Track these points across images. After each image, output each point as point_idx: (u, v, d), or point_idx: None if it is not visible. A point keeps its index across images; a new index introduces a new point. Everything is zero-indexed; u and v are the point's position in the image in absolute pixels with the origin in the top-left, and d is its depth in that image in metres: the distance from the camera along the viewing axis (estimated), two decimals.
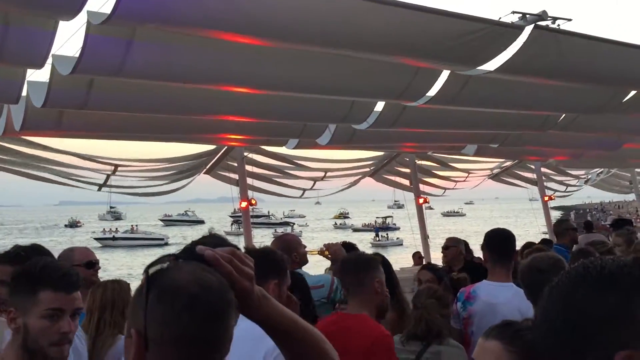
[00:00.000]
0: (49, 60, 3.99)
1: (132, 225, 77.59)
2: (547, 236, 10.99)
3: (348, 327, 2.98)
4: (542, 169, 12.28)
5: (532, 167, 12.23)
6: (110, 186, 8.45)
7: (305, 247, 4.57)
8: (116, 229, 73.87)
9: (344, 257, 3.72)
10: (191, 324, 1.16)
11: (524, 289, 3.06)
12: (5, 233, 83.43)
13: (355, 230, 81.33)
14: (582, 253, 4.36)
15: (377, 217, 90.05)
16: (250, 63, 4.33)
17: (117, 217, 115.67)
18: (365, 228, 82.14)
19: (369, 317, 3.10)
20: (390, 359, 2.85)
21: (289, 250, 4.17)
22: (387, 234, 65.45)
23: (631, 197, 15.52)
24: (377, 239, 63.22)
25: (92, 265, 3.98)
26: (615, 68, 4.99)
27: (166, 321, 1.16)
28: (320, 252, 4.75)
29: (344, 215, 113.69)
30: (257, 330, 2.25)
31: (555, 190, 12.93)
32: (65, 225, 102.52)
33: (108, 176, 8.25)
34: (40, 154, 7.30)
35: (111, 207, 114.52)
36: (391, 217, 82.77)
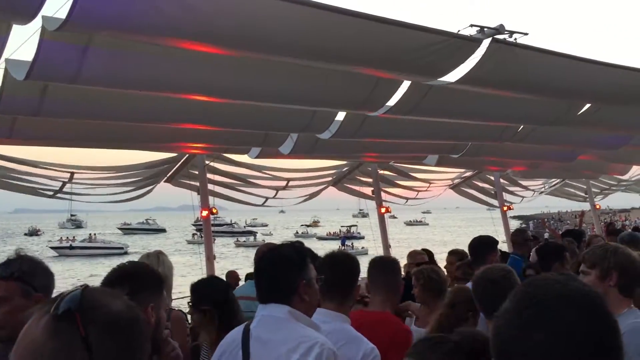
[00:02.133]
0: (2, 65, 3.89)
1: (90, 234, 75.87)
2: (505, 246, 11.17)
3: (372, 321, 3.20)
4: (501, 180, 12.52)
5: (492, 177, 12.46)
6: (66, 193, 8.25)
7: None
8: (73, 237, 72.16)
9: (375, 258, 3.89)
10: (138, 343, 1.20)
11: (476, 301, 3.07)
12: None
13: (320, 238, 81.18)
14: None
15: (342, 226, 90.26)
16: (210, 71, 4.29)
17: (78, 225, 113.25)
18: (331, 237, 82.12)
19: (391, 314, 3.45)
20: None
21: None
22: (352, 243, 65.45)
23: (586, 206, 15.95)
24: (343, 248, 63.20)
25: None
26: (570, 81, 5.12)
27: (122, 349, 1.17)
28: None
29: (316, 224, 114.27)
30: (352, 331, 2.36)
31: (512, 202, 13.19)
32: (25, 234, 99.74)
33: (64, 183, 8.06)
34: None
35: (72, 215, 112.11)
36: (356, 225, 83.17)
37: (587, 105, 6.12)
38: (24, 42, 4.02)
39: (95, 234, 76.16)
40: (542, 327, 1.07)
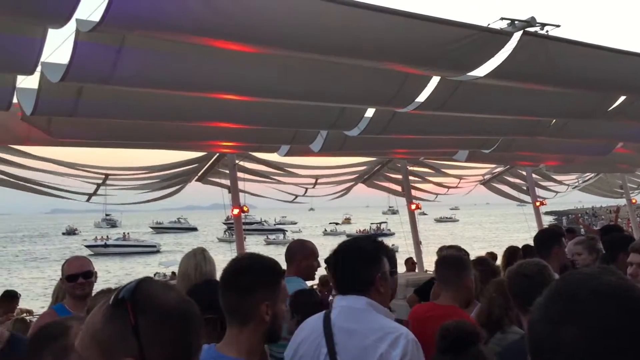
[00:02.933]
0: (39, 68, 3.99)
1: (124, 233, 77.25)
2: None
3: (440, 315, 3.28)
4: (533, 175, 12.34)
5: (524, 173, 12.29)
6: (99, 195, 8.43)
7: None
8: (107, 236, 73.59)
9: (444, 254, 3.98)
10: (189, 338, 1.25)
11: (510, 295, 3.05)
12: (5, 241, 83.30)
13: (350, 236, 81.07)
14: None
15: (371, 223, 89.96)
16: (241, 70, 4.34)
17: (113, 224, 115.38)
18: (360, 234, 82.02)
19: (458, 308, 3.55)
20: None
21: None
22: (382, 241, 65.01)
23: (622, 201, 15.58)
24: None
25: (74, 278, 3.92)
26: (604, 74, 5.02)
27: (171, 342, 1.21)
28: None
29: (348, 221, 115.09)
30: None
31: (545, 198, 12.97)
32: (63, 233, 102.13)
33: (98, 185, 8.23)
34: (29, 163, 7.27)
35: (107, 215, 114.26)
36: (386, 222, 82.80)
37: (622, 98, 5.99)
38: (59, 45, 4.13)
39: (128, 233, 77.56)
40: (572, 322, 1.05)
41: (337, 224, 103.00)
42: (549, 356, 1.07)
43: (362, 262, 2.55)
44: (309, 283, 4.80)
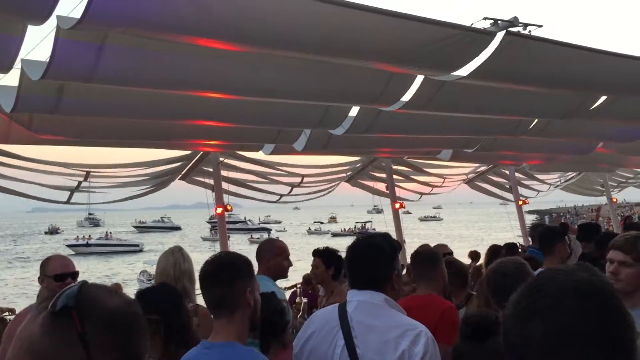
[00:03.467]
0: (19, 65, 3.93)
1: (106, 232, 76.54)
2: (521, 240, 11.13)
3: (420, 304, 3.46)
4: (516, 174, 12.45)
5: (507, 172, 12.39)
6: (81, 192, 8.33)
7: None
8: (89, 235, 72.82)
9: (417, 250, 4.05)
10: (137, 341, 1.21)
11: (489, 294, 3.07)
12: None
13: (335, 235, 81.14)
14: None
15: (356, 222, 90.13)
16: (224, 68, 4.32)
17: (95, 223, 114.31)
18: (345, 233, 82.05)
19: (436, 295, 3.69)
20: (454, 330, 2.97)
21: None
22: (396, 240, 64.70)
23: (602, 200, 15.77)
24: None
25: (62, 278, 3.87)
26: (585, 74, 5.07)
27: (119, 347, 1.16)
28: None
29: (334, 219, 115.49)
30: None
31: (527, 197, 13.10)
32: (45, 232, 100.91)
33: (79, 183, 8.14)
34: (8, 161, 7.17)
35: (89, 214, 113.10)
36: (370, 222, 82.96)
37: (603, 98, 6.06)
38: (39, 42, 4.07)
39: (111, 232, 76.85)
40: (539, 316, 1.05)
41: (321, 223, 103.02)
42: (520, 351, 1.07)
43: (381, 259, 2.64)
44: (293, 282, 4.79)
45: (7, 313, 9.39)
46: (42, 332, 1.14)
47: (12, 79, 4.36)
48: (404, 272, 4.72)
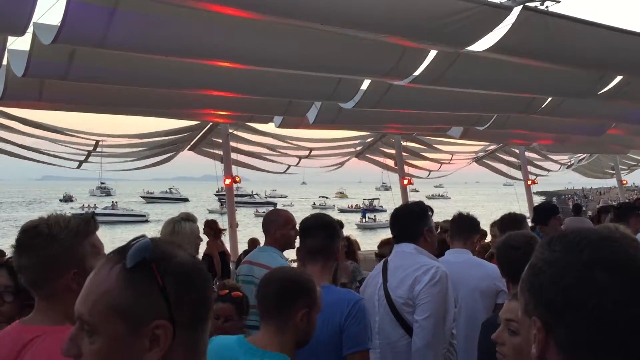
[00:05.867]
0: (30, 29, 3.92)
1: (112, 202, 76.92)
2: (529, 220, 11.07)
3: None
4: (526, 153, 12.37)
5: (517, 151, 12.32)
6: (91, 162, 8.39)
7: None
8: (94, 205, 73.11)
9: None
10: (208, 293, 1.22)
11: (498, 266, 3.07)
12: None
13: (342, 211, 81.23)
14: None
15: (364, 199, 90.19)
16: (236, 37, 4.28)
17: (107, 192, 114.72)
18: (352, 209, 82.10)
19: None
20: None
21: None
22: (374, 216, 64.96)
23: (612, 182, 15.66)
24: (364, 220, 62.63)
25: None
26: (603, 52, 5.00)
27: (195, 300, 1.17)
28: None
29: (342, 195, 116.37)
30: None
31: (537, 175, 13.02)
32: (60, 200, 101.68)
33: (89, 152, 8.18)
34: (19, 127, 7.21)
35: (101, 183, 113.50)
36: (378, 199, 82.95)
37: (619, 78, 5.97)
38: (52, 5, 4.05)
39: (116, 202, 77.15)
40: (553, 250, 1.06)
41: (326, 197, 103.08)
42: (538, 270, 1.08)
43: (412, 218, 3.41)
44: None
45: None
46: (123, 286, 1.12)
47: (23, 43, 4.35)
48: None
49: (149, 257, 1.13)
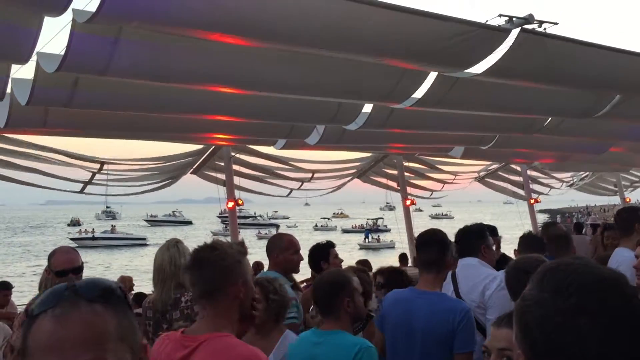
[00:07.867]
0: (34, 58, 3.96)
1: (112, 226, 76.69)
2: None
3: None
4: (528, 172, 12.37)
5: (519, 169, 12.31)
6: (94, 185, 8.39)
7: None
8: (92, 229, 72.79)
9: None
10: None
11: (508, 290, 3.06)
12: (7, 232, 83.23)
13: (345, 231, 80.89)
14: None
15: (368, 219, 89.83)
16: (238, 63, 4.32)
17: (113, 216, 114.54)
18: (355, 230, 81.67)
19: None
20: None
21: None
22: (378, 236, 64.04)
23: (615, 200, 15.61)
24: (367, 240, 61.81)
25: (63, 274, 3.74)
26: (601, 72, 5.02)
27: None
28: None
29: (342, 215, 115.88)
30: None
31: (540, 193, 12.99)
32: (68, 224, 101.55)
33: (93, 174, 8.20)
34: (23, 151, 7.24)
35: (107, 207, 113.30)
36: (382, 218, 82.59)
37: (618, 97, 6.00)
38: (55, 35, 4.10)
39: (115, 226, 76.76)
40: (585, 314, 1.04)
41: (328, 219, 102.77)
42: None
43: (472, 237, 4.00)
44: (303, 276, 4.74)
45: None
46: (119, 317, 1.13)
47: (27, 72, 4.40)
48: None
49: (114, 285, 1.16)
